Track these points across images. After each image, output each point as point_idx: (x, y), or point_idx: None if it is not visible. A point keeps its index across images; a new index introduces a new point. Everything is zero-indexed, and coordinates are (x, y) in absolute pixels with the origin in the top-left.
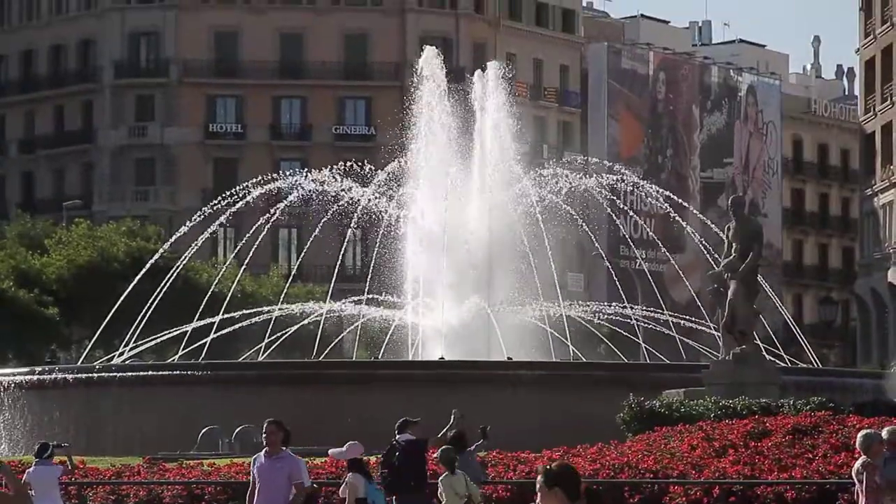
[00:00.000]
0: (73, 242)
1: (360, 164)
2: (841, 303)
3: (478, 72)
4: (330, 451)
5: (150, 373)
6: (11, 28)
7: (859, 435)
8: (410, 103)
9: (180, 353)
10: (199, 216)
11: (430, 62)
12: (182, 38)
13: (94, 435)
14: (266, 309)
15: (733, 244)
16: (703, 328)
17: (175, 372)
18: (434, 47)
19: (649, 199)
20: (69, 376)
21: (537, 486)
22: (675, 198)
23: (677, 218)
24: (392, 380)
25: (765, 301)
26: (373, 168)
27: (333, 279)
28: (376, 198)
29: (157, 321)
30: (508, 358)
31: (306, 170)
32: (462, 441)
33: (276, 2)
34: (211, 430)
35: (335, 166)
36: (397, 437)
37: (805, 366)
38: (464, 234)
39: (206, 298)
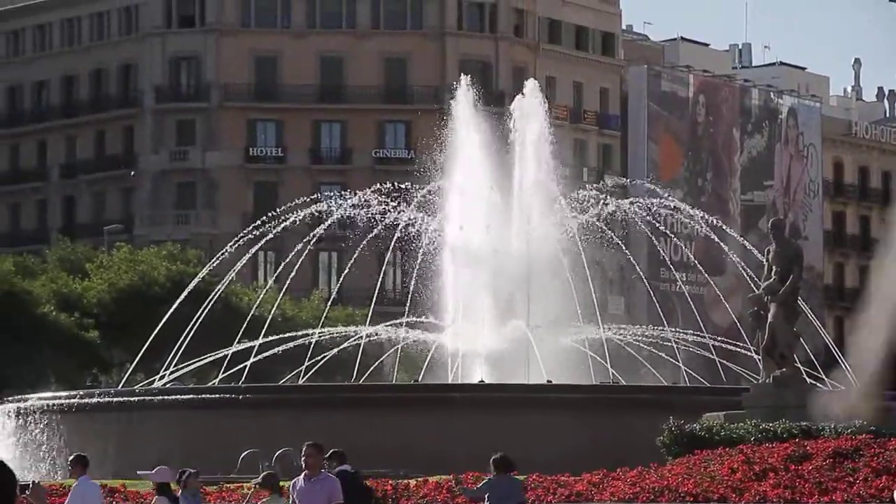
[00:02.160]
0: (113, 266)
1: (399, 186)
2: None
3: (518, 97)
4: (139, 472)
5: (190, 396)
6: (53, 53)
7: None
8: (450, 127)
9: (221, 377)
10: (240, 240)
11: (466, 92)
12: (222, 62)
13: (134, 458)
14: (306, 332)
15: (773, 267)
16: (744, 351)
17: (215, 395)
18: (469, 75)
19: (690, 221)
20: (110, 400)
21: None
22: (716, 220)
23: (718, 241)
24: (432, 403)
25: (806, 324)
26: (414, 187)
27: (373, 302)
28: (414, 221)
29: (198, 345)
30: (548, 381)
31: (346, 192)
32: (507, 463)
33: (317, 26)
34: (251, 453)
35: (375, 186)
36: (334, 467)
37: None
38: (503, 258)
39: (246, 322)
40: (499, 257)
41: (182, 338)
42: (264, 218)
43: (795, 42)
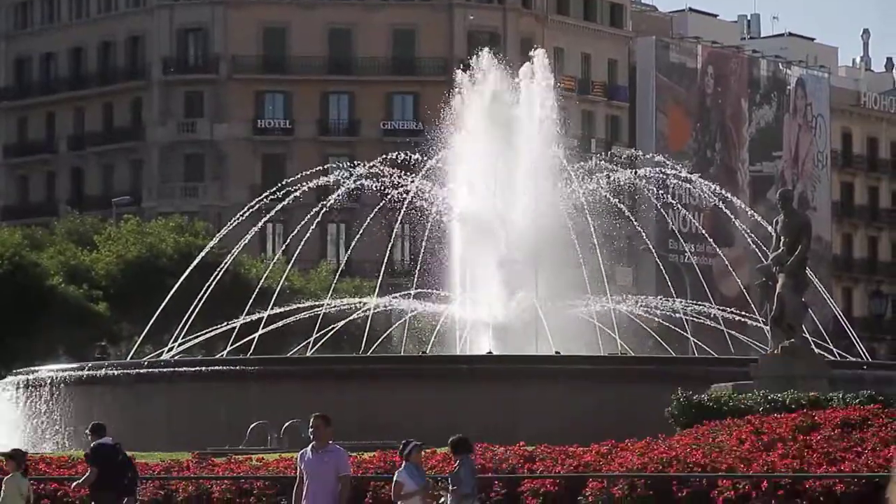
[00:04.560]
0: (122, 238)
1: (407, 157)
2: (891, 296)
3: (525, 64)
4: None
5: (199, 368)
6: (61, 25)
7: None
8: (458, 98)
9: (229, 349)
10: (248, 211)
11: (474, 63)
12: (231, 33)
13: (143, 430)
14: (315, 304)
15: (781, 237)
16: (752, 322)
17: (224, 367)
18: (477, 47)
19: (698, 192)
20: (119, 372)
21: None
22: (724, 192)
23: (726, 211)
24: (440, 374)
25: (814, 295)
26: (422, 158)
27: (381, 274)
28: (422, 192)
29: (206, 316)
30: (556, 352)
31: (354, 163)
32: (466, 444)
33: None
34: (260, 424)
35: (383, 157)
36: (101, 440)
37: (854, 359)
38: (511, 229)
39: (254, 294)
40: (506, 228)
41: (190, 310)
42: (272, 190)
43: (804, 13)
